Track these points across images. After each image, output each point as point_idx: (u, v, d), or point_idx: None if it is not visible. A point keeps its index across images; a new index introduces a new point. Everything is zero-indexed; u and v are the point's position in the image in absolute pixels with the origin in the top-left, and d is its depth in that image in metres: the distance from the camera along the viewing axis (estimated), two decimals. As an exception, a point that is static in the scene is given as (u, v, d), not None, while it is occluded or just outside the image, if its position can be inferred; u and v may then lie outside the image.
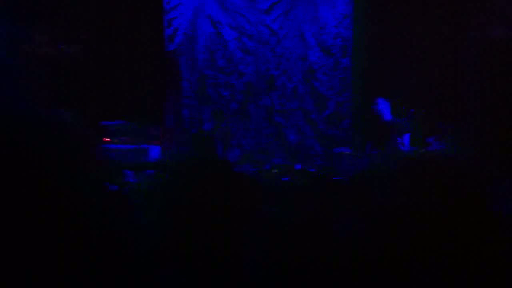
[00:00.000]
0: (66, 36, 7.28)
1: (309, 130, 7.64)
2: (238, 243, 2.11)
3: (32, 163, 1.90)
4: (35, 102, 6.42)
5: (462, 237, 1.97)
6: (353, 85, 7.37)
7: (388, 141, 5.80)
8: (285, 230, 2.14)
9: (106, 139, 6.89)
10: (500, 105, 5.47)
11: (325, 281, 1.95)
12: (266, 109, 7.78)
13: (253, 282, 1.98)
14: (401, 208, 2.14)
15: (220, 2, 7.82)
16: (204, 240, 2.05)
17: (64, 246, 1.80)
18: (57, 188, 1.86)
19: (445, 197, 2.14)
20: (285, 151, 7.69)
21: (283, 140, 7.72)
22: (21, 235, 1.76)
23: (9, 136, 1.91)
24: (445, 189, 2.19)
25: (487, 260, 1.92)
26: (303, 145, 7.64)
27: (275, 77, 7.72)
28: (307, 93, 7.63)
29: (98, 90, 7.42)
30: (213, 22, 7.85)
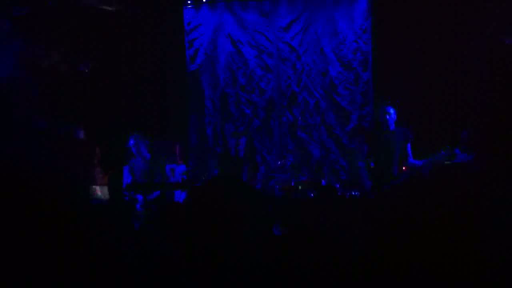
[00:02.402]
0: (89, 57, 7.46)
1: (332, 145, 7.62)
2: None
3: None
4: (54, 119, 6.60)
5: (468, 248, 1.95)
6: (375, 98, 7.34)
7: (394, 152, 5.75)
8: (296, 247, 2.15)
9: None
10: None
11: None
12: (289, 125, 7.80)
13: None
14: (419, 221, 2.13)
15: (239, 22, 7.92)
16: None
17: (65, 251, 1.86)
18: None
19: (465, 211, 2.12)
20: (309, 166, 7.68)
21: (307, 155, 7.71)
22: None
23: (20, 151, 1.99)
24: (466, 202, 2.17)
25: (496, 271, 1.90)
26: (327, 160, 7.61)
27: (296, 93, 7.75)
28: (329, 108, 7.63)
29: (123, 111, 7.56)
30: (233, 41, 7.95)
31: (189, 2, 8.04)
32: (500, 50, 6.17)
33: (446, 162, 5.65)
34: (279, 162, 7.32)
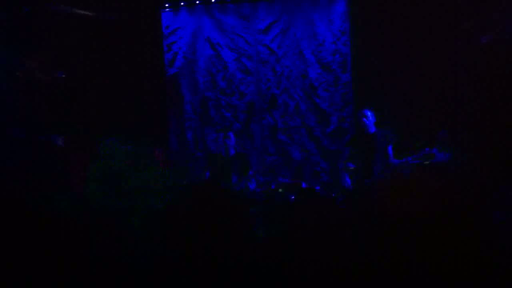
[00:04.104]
0: (66, 63, 7.37)
1: (313, 147, 7.63)
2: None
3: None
4: (32, 127, 6.49)
5: (458, 244, 1.95)
6: (354, 99, 7.37)
7: (374, 153, 5.78)
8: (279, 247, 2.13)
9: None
10: (498, 110, 5.46)
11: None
12: (269, 128, 7.79)
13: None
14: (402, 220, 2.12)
15: (218, 25, 7.90)
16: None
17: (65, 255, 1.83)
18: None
19: (445, 208, 2.12)
20: (290, 169, 7.68)
21: (288, 158, 7.71)
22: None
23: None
24: (445, 199, 2.17)
25: (484, 265, 1.91)
26: (308, 162, 7.62)
27: (276, 95, 7.74)
28: (309, 110, 7.64)
29: (102, 116, 7.47)
30: (212, 44, 7.92)
31: (167, 5, 7.98)
32: (478, 50, 6.24)
33: (425, 162, 5.70)
34: (270, 158, 7.39)
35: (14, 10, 6.79)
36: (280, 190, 5.96)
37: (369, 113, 5.91)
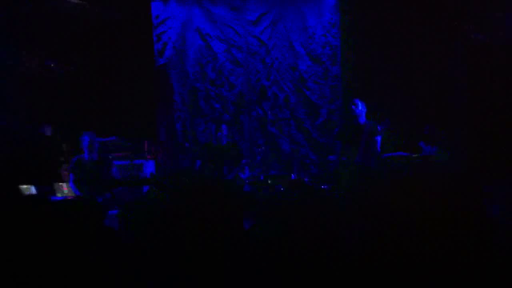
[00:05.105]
0: (55, 56, 7.32)
1: (302, 139, 7.65)
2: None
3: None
4: (23, 118, 6.43)
5: (458, 242, 1.96)
6: (344, 92, 7.39)
7: (362, 144, 5.79)
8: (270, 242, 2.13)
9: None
10: (488, 107, 5.50)
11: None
12: (259, 119, 7.79)
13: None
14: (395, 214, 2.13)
15: (208, 15, 7.85)
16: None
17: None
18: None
19: (438, 201, 2.12)
20: (279, 161, 7.70)
21: (277, 150, 7.72)
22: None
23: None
24: (438, 193, 2.18)
25: (484, 263, 1.92)
26: (297, 154, 7.64)
27: (266, 87, 7.74)
28: (299, 102, 7.65)
29: (90, 107, 7.41)
30: (202, 35, 7.88)
31: (157, -5, 7.91)
32: (477, 49, 6.25)
33: (414, 155, 5.73)
34: (259, 149, 7.42)
35: (15, 6, 6.72)
36: (269, 181, 5.98)
37: (360, 103, 5.92)
